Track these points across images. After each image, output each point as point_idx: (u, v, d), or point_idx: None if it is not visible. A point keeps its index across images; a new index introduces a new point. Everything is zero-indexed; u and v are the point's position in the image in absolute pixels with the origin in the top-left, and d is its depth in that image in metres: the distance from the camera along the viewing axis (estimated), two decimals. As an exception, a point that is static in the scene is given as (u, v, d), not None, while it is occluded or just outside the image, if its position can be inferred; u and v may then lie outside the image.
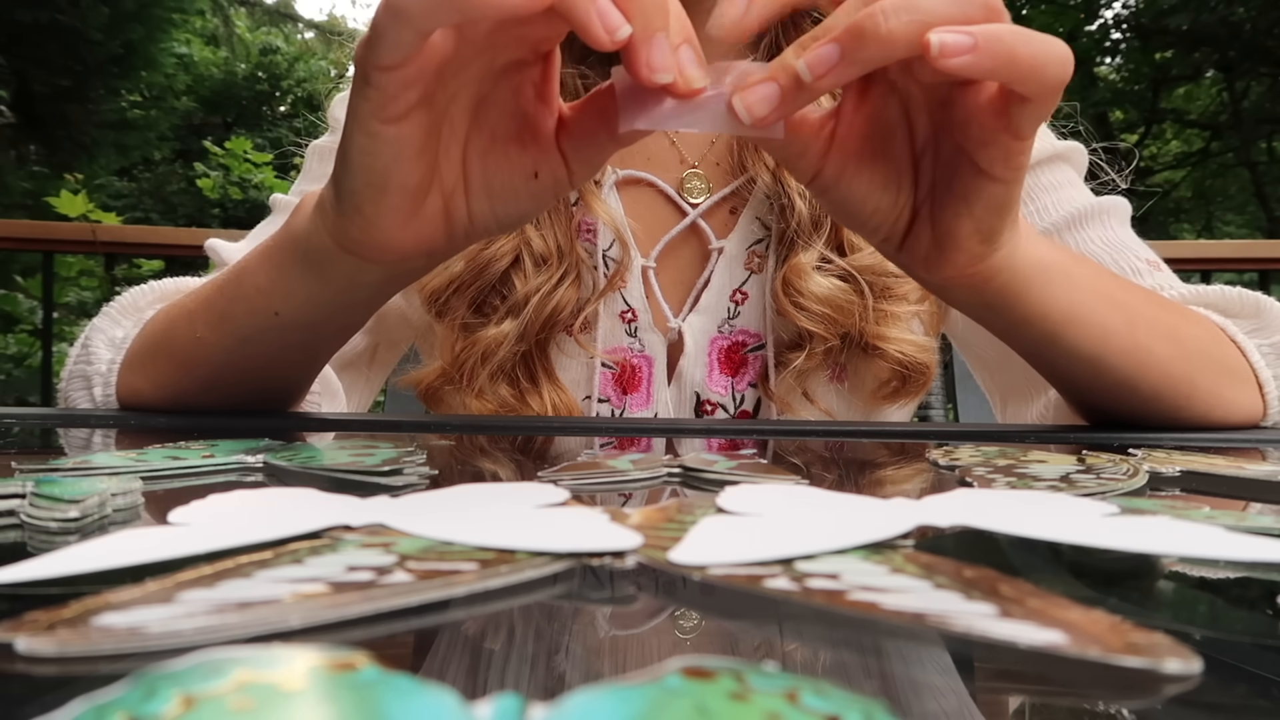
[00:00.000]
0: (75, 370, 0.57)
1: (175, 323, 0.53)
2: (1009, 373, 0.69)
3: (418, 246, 0.40)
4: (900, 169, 0.39)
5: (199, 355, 0.50)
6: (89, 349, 0.56)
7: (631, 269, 0.64)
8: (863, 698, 0.11)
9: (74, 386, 0.57)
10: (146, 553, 0.19)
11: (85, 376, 0.56)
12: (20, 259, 3.43)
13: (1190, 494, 0.30)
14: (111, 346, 0.56)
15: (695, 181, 0.66)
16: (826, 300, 0.60)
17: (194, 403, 0.52)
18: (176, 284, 0.62)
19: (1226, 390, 0.52)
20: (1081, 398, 0.52)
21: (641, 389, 0.64)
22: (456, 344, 0.62)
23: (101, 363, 0.55)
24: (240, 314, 0.48)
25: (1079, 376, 0.49)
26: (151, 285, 0.61)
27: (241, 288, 0.48)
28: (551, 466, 0.33)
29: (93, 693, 0.11)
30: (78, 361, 0.57)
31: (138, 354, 0.55)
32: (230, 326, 0.49)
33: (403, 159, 0.36)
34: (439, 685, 0.11)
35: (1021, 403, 0.68)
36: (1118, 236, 0.64)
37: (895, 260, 0.43)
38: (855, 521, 0.22)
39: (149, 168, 6.77)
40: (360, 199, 0.38)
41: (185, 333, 0.51)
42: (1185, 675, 0.14)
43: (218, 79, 7.96)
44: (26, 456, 0.39)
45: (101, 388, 0.55)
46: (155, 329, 0.55)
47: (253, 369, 0.50)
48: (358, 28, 12.21)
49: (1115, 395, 0.49)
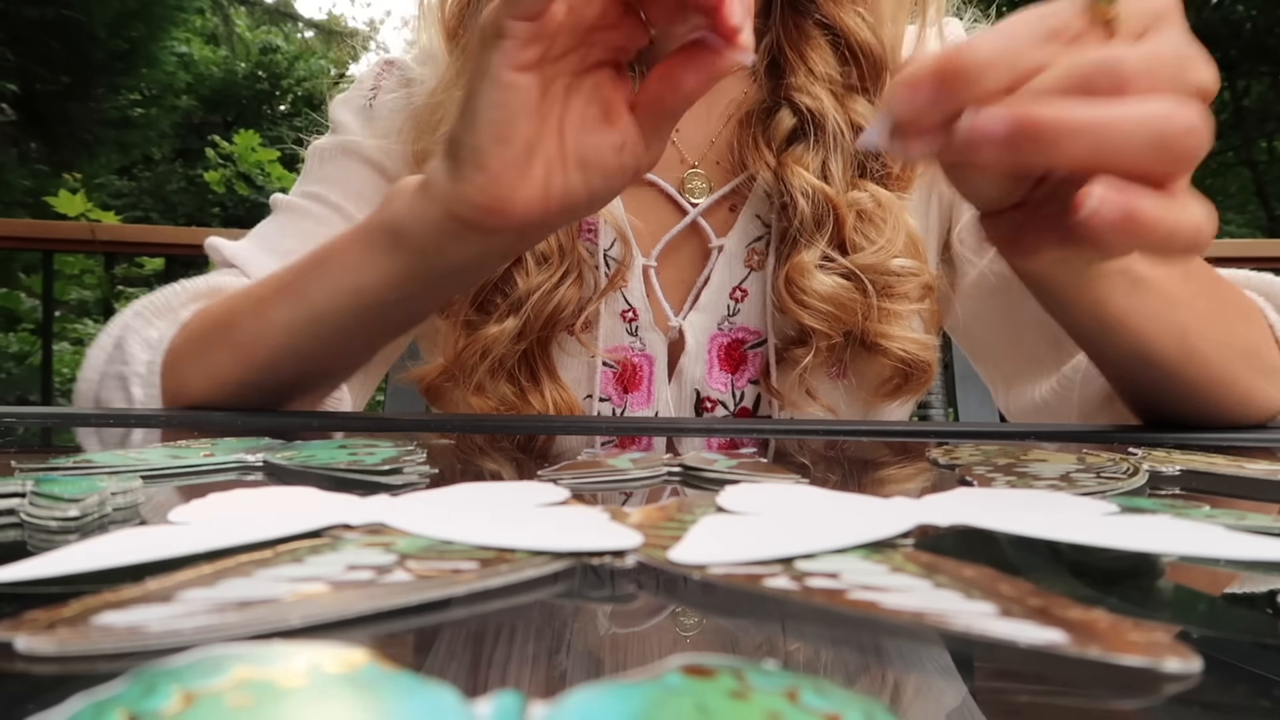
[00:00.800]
0: (110, 371, 0.57)
1: (238, 311, 0.55)
2: (1013, 361, 0.69)
3: (525, 214, 0.43)
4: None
5: (262, 338, 0.52)
6: (124, 350, 0.57)
7: (633, 268, 0.64)
8: (863, 697, 0.11)
9: (109, 387, 0.57)
10: (146, 552, 0.19)
11: (122, 377, 0.56)
12: (22, 257, 3.43)
13: (1190, 493, 0.30)
14: (148, 347, 0.57)
15: (697, 181, 0.66)
16: (829, 298, 0.60)
17: (243, 394, 0.53)
18: (208, 282, 0.62)
19: (1258, 385, 0.52)
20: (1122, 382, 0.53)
21: (642, 388, 0.64)
22: (458, 340, 0.62)
23: (139, 364, 0.56)
24: (319, 291, 0.50)
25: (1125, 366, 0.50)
26: (184, 285, 0.61)
27: (325, 266, 0.50)
28: (552, 465, 0.33)
29: (92, 689, 0.11)
30: (111, 362, 0.57)
31: (185, 349, 0.56)
32: (305, 304, 0.51)
33: (525, 110, 0.41)
34: (439, 683, 0.11)
35: (1026, 384, 0.68)
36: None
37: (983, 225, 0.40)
38: (855, 520, 0.22)
39: (149, 166, 6.77)
40: (484, 154, 0.41)
41: (251, 318, 0.53)
42: (1185, 675, 0.14)
43: (218, 78, 7.96)
44: (26, 455, 0.39)
45: (142, 388, 0.56)
46: (211, 320, 0.56)
47: (311, 353, 0.52)
48: (358, 26, 12.21)
49: (1156, 386, 0.50)
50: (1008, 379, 0.71)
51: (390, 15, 16.44)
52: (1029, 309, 0.64)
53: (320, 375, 0.55)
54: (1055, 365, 0.63)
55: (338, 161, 0.69)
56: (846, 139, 0.62)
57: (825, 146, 0.62)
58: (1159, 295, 0.46)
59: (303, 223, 0.67)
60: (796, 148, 0.62)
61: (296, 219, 0.68)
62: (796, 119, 0.63)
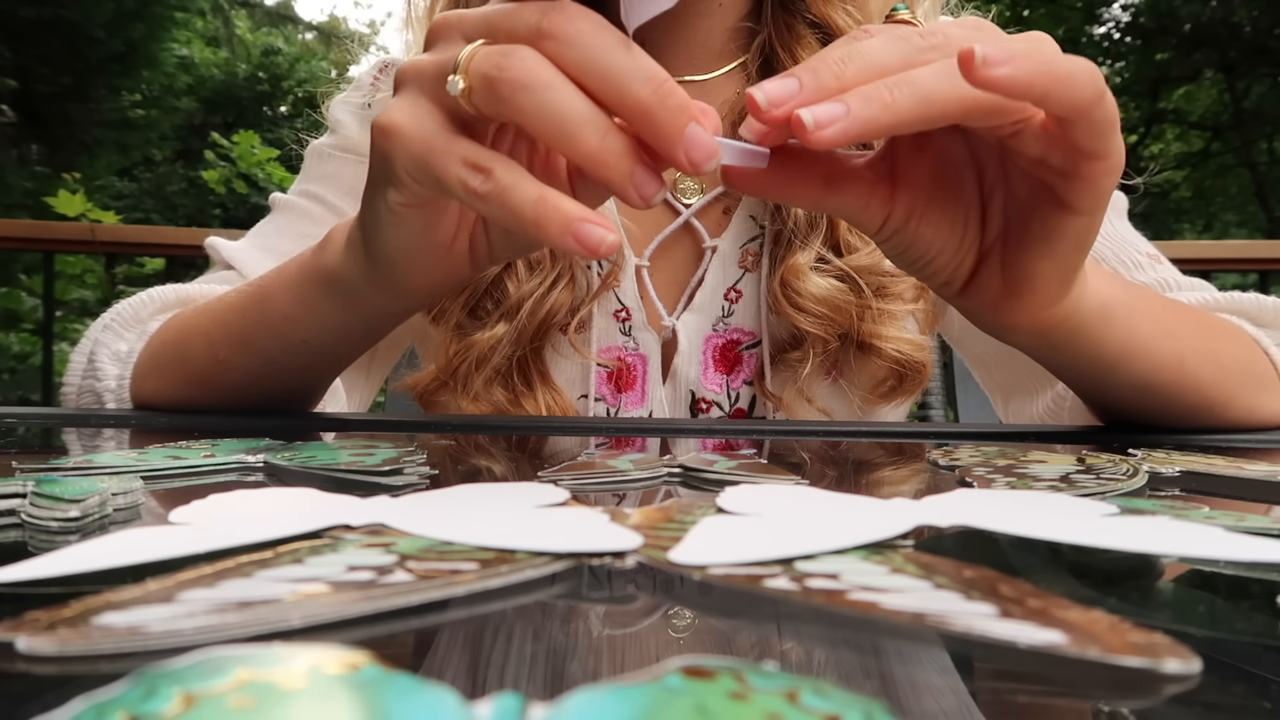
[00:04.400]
0: (85, 385, 0.58)
1: (190, 343, 0.54)
2: (1009, 371, 0.69)
3: (447, 281, 0.41)
4: (969, 210, 0.38)
5: (223, 377, 0.52)
6: (95, 365, 0.57)
7: (625, 268, 0.64)
8: (863, 698, 0.11)
9: (86, 400, 0.57)
10: (146, 553, 0.19)
11: (95, 392, 0.57)
12: (23, 258, 3.43)
13: (1190, 495, 0.30)
14: (117, 361, 0.57)
15: (688, 182, 0.66)
16: (824, 300, 0.60)
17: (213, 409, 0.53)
18: (176, 292, 0.62)
19: (1260, 400, 0.52)
20: (1119, 416, 0.53)
21: (636, 387, 0.64)
22: (450, 347, 0.62)
23: (110, 379, 0.56)
24: (266, 340, 0.49)
25: (1124, 400, 0.49)
26: (151, 295, 0.61)
27: (267, 315, 0.49)
28: (551, 466, 0.33)
29: (93, 691, 0.11)
30: (86, 377, 0.58)
31: (149, 368, 0.56)
32: (256, 352, 0.50)
33: (430, 225, 0.38)
34: (439, 684, 0.11)
35: (1025, 399, 0.68)
36: (1117, 231, 0.64)
37: (958, 305, 0.41)
38: (855, 521, 0.22)
39: (150, 168, 6.77)
40: (391, 261, 0.39)
41: (205, 355, 0.52)
42: (1185, 675, 0.14)
43: (218, 79, 7.96)
44: (27, 456, 0.39)
45: (115, 402, 0.56)
46: (166, 347, 0.56)
47: (275, 386, 0.52)
48: (358, 28, 12.22)
49: (1156, 414, 0.50)
50: (1005, 392, 0.71)
51: (390, 17, 16.44)
52: None
53: (285, 401, 0.54)
54: (1050, 380, 0.64)
55: (336, 161, 0.70)
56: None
57: None
58: (1153, 324, 0.46)
59: (300, 223, 0.68)
60: None
61: (294, 219, 0.68)
62: None
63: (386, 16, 15.54)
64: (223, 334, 0.51)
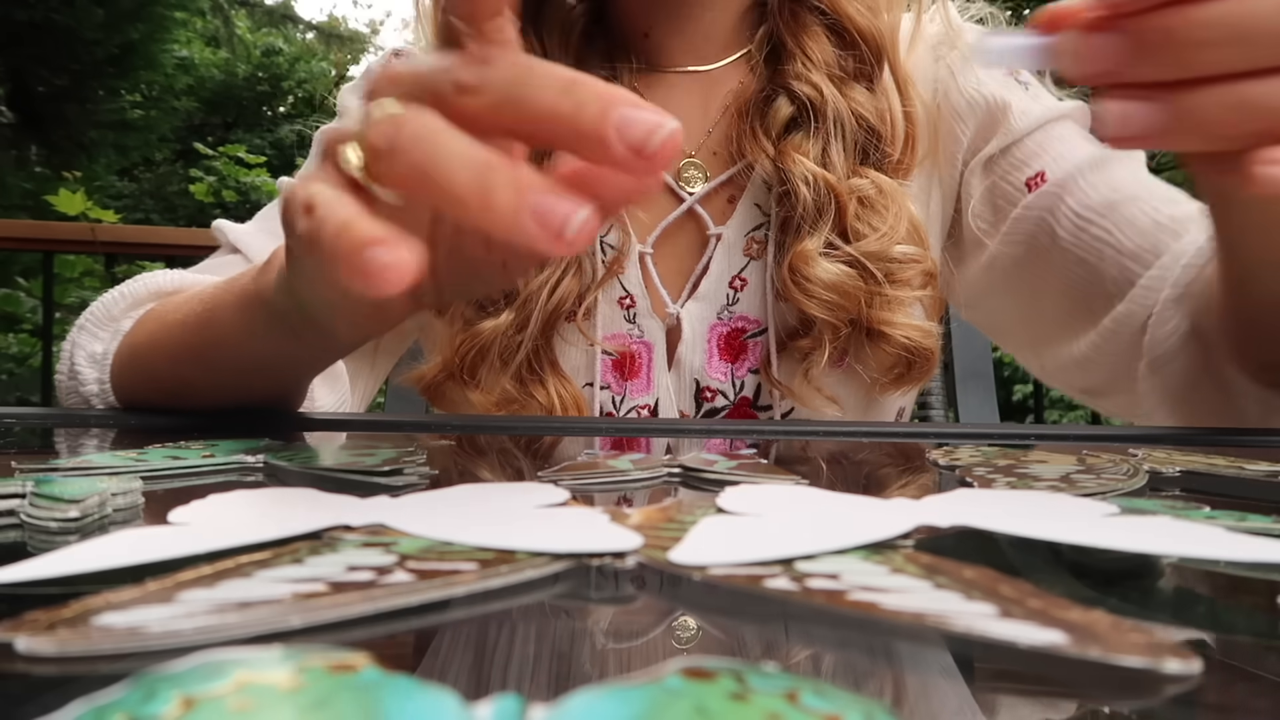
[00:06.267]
0: (69, 387, 0.58)
1: (154, 361, 0.54)
2: (1034, 325, 0.68)
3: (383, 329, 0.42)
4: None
5: (191, 390, 0.52)
6: (75, 368, 0.57)
7: (630, 255, 0.64)
8: (863, 698, 0.11)
9: (73, 401, 0.57)
10: (146, 553, 0.19)
11: (81, 395, 0.57)
12: (22, 259, 3.43)
13: (1190, 494, 0.30)
14: (94, 364, 0.56)
15: (692, 170, 0.66)
16: (833, 286, 0.60)
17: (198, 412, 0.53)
18: (147, 285, 0.61)
19: None
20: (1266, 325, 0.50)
21: (641, 375, 0.64)
22: (456, 337, 0.62)
23: (91, 383, 0.56)
24: (222, 359, 0.49)
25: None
26: (122, 292, 0.60)
27: (219, 334, 0.48)
28: (552, 466, 0.33)
29: (92, 694, 0.11)
30: (70, 379, 0.58)
31: (125, 376, 0.56)
32: (214, 370, 0.50)
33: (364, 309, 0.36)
34: (439, 686, 0.11)
35: (1060, 344, 0.67)
36: (1146, 173, 0.64)
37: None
38: (855, 521, 0.22)
39: (149, 168, 6.78)
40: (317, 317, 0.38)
41: (169, 373, 0.52)
42: (1185, 675, 0.14)
43: (218, 80, 7.97)
44: (26, 456, 0.39)
45: (101, 403, 0.56)
46: (137, 359, 0.55)
47: (247, 395, 0.51)
48: (358, 28, 12.21)
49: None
50: (1035, 344, 0.70)
51: (390, 16, 16.43)
52: (1049, 281, 0.64)
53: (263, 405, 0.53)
54: (1088, 323, 0.63)
55: None
56: (847, 126, 0.62)
57: (825, 134, 0.62)
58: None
59: None
60: (795, 135, 0.62)
61: None
62: (795, 107, 0.63)
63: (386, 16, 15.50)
64: (183, 352, 0.51)
